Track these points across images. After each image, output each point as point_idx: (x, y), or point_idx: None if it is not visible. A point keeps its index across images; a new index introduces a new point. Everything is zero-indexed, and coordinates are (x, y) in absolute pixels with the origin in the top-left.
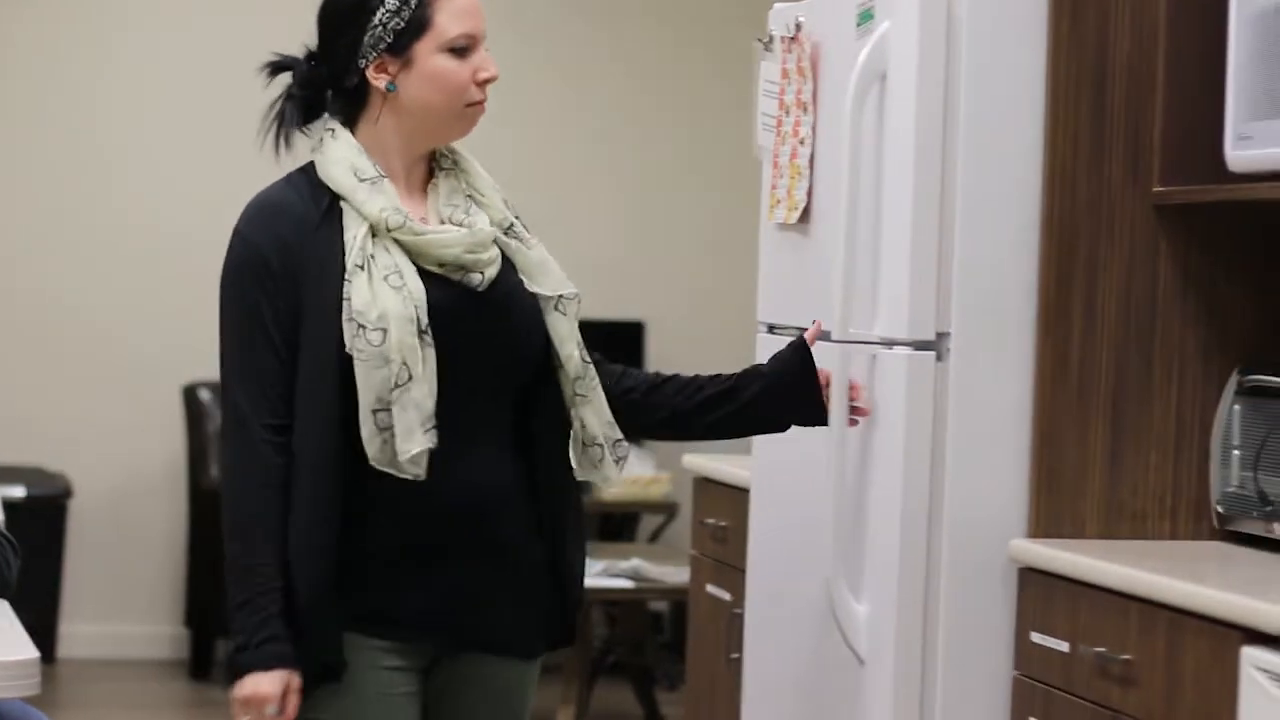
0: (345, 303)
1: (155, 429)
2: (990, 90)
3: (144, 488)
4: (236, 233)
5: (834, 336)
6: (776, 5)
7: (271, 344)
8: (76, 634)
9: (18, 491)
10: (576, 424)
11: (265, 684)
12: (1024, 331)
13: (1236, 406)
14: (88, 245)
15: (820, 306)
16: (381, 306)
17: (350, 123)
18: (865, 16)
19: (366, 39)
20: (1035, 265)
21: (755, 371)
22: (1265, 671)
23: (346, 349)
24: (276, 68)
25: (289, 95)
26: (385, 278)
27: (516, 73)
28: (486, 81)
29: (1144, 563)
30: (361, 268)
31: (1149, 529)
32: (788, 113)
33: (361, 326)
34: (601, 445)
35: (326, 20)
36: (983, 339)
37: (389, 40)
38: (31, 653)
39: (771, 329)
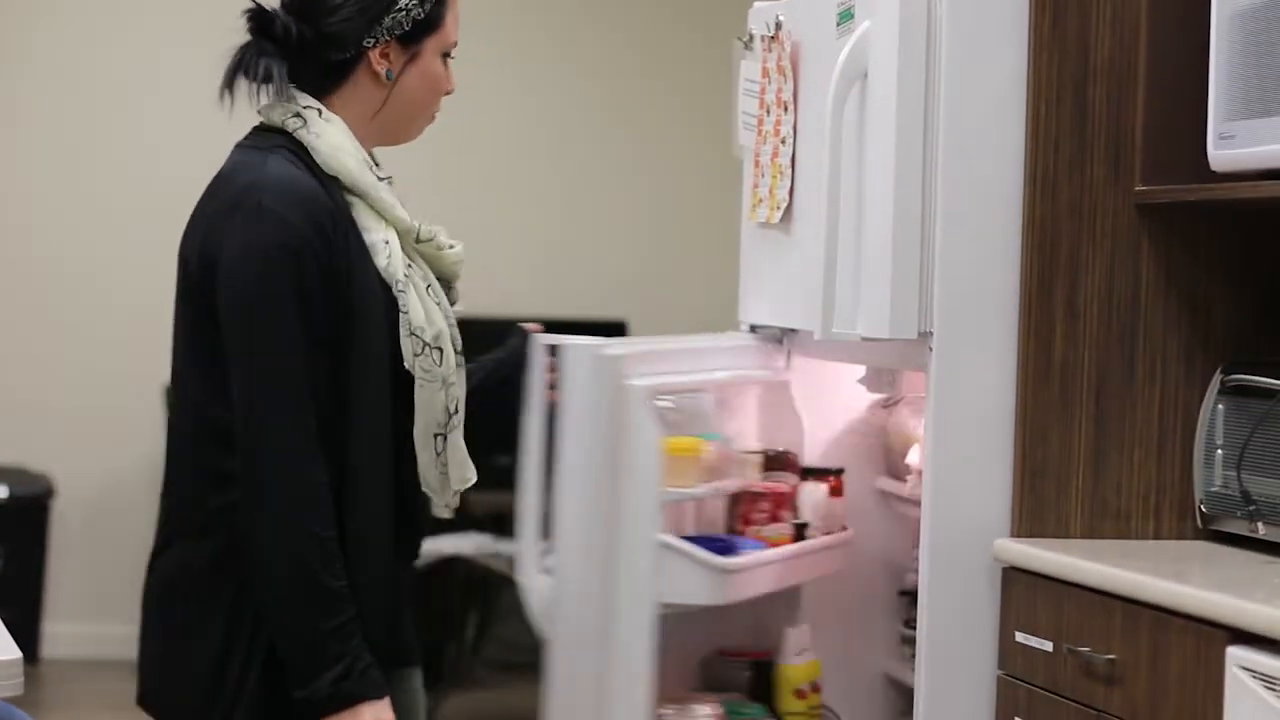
0: (403, 316)
1: (138, 429)
2: (971, 89)
3: (127, 487)
4: (269, 211)
5: (816, 336)
6: (756, 4)
7: (319, 350)
8: (60, 634)
9: (0, 492)
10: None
11: (385, 712)
12: (1007, 330)
13: (1220, 406)
14: (69, 246)
15: (802, 305)
16: (437, 325)
17: (318, 99)
18: (845, 16)
19: (388, 20)
20: (1017, 264)
21: (485, 359)
22: (1250, 671)
23: (406, 366)
24: (259, 17)
25: (264, 51)
26: (427, 290)
27: (497, 71)
28: (448, 93)
29: (1128, 562)
30: (407, 278)
31: (1133, 528)
32: (768, 112)
33: (426, 345)
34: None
35: None
36: (965, 338)
37: (406, 29)
38: (14, 653)
39: (753, 328)
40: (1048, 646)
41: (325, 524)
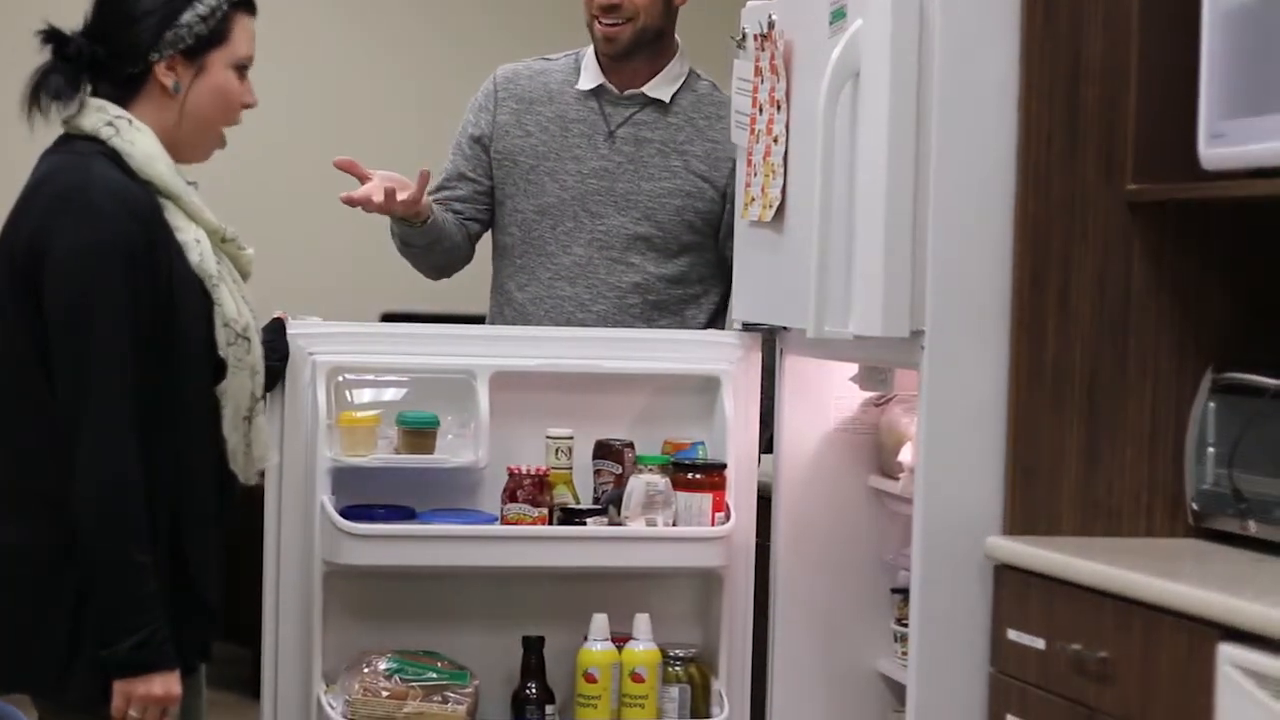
0: (217, 308)
1: None
2: (963, 87)
3: None
4: (99, 209)
5: (809, 334)
6: (749, 3)
7: (140, 341)
8: None
9: None
10: None
11: (175, 684)
12: (999, 329)
13: (1211, 404)
14: None
15: (795, 303)
16: (245, 317)
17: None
18: (838, 14)
19: (168, 34)
20: (1009, 262)
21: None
22: (1242, 669)
23: (220, 354)
24: (52, 37)
25: (59, 70)
26: (234, 285)
27: (490, 68)
28: (248, 107)
29: (1120, 560)
30: (219, 274)
31: (1124, 526)
32: (761, 110)
33: (237, 335)
34: None
35: (124, 1)
36: (957, 336)
37: (189, 43)
38: None
39: (746, 326)
40: (1040, 644)
41: (135, 502)
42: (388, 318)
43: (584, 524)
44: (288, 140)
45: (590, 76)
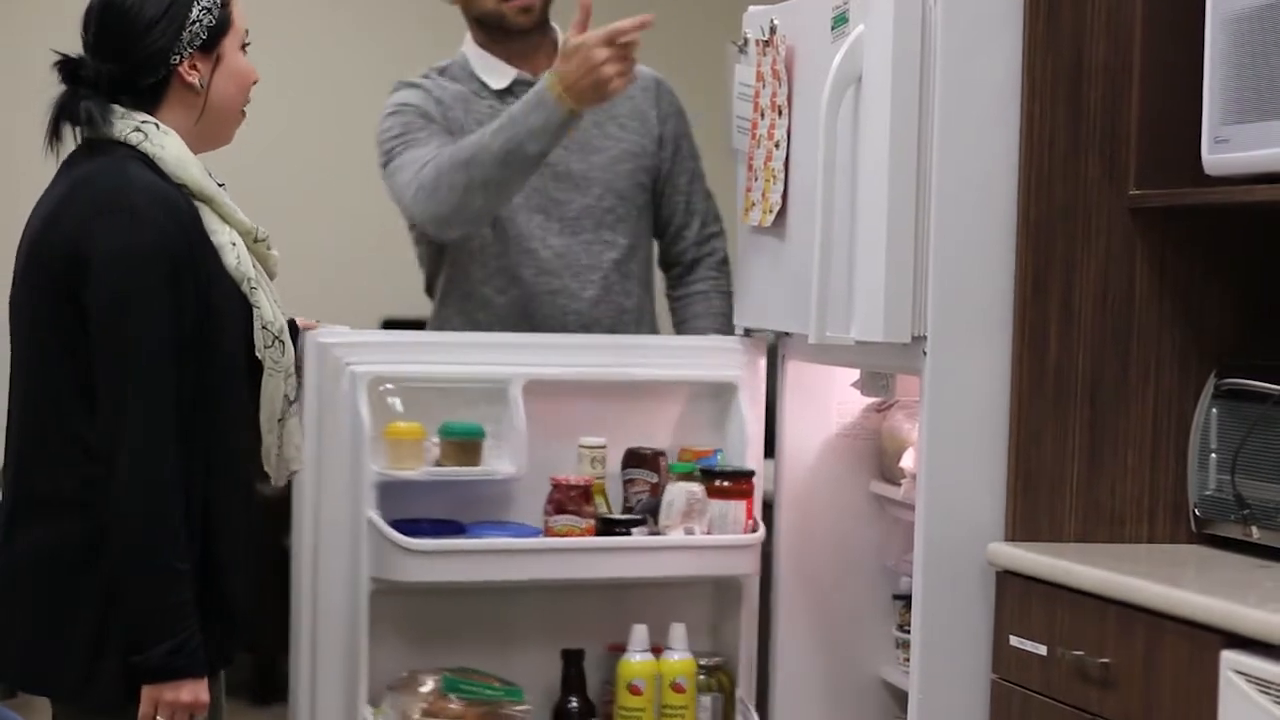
0: (256, 310)
1: None
2: (966, 92)
3: None
4: (141, 214)
5: (811, 339)
6: (751, 8)
7: (183, 343)
8: None
9: None
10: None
11: (203, 692)
12: (1001, 334)
13: (1214, 409)
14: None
15: (796, 309)
16: (280, 320)
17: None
18: (840, 19)
19: (185, 34)
20: (1012, 267)
21: None
22: (1244, 675)
23: (258, 355)
24: (67, 66)
25: (81, 96)
26: (267, 287)
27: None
28: (255, 83)
29: (1122, 565)
30: (256, 276)
31: (1127, 532)
32: (763, 115)
33: (274, 337)
34: None
35: (128, 16)
36: (959, 341)
37: (204, 38)
38: None
39: (748, 332)
40: (1042, 650)
41: (175, 509)
42: (389, 324)
43: (628, 534)
44: (288, 145)
45: (498, 76)
